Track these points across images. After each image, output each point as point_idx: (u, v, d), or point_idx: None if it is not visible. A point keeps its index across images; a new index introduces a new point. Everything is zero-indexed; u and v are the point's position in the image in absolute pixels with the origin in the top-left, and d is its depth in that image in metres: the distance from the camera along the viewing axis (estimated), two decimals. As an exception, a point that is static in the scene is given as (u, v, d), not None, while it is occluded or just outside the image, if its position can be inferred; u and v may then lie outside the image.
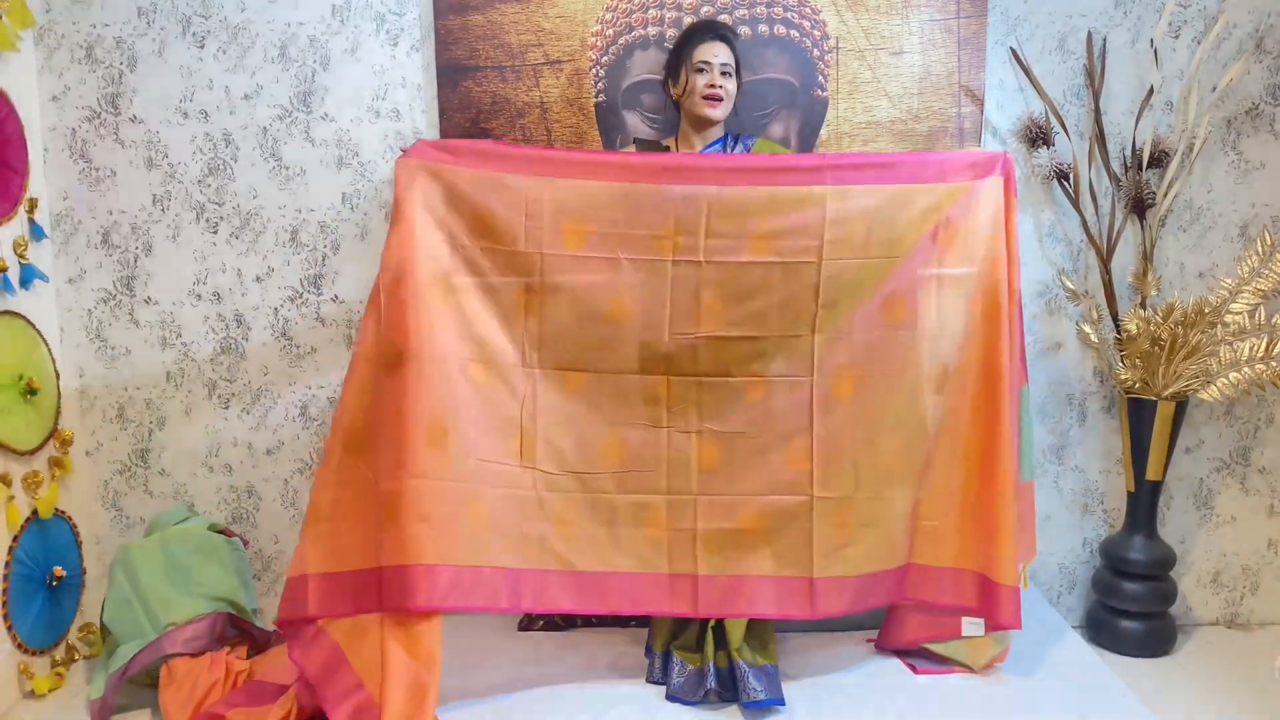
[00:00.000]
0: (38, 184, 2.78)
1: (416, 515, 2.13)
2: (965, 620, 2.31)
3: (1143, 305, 2.81)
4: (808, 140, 2.80)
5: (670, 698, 2.27)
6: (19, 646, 2.57)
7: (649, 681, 2.35)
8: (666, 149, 2.54)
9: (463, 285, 2.25)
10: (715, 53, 2.44)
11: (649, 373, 2.29)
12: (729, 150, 2.54)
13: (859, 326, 2.28)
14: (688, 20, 2.71)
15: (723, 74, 2.44)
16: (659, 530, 2.29)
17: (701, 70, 2.44)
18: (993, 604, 2.26)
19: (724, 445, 2.30)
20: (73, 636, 2.79)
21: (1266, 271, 2.67)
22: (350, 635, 2.18)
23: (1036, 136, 2.79)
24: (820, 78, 2.79)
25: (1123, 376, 2.77)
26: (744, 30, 2.74)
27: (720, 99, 2.45)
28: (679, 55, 2.50)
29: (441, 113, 2.80)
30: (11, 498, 2.56)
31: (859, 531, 2.29)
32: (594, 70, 2.79)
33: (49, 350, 2.77)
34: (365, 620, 2.16)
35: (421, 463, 2.14)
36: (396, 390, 2.15)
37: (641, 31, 2.77)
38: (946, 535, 2.32)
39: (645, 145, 2.58)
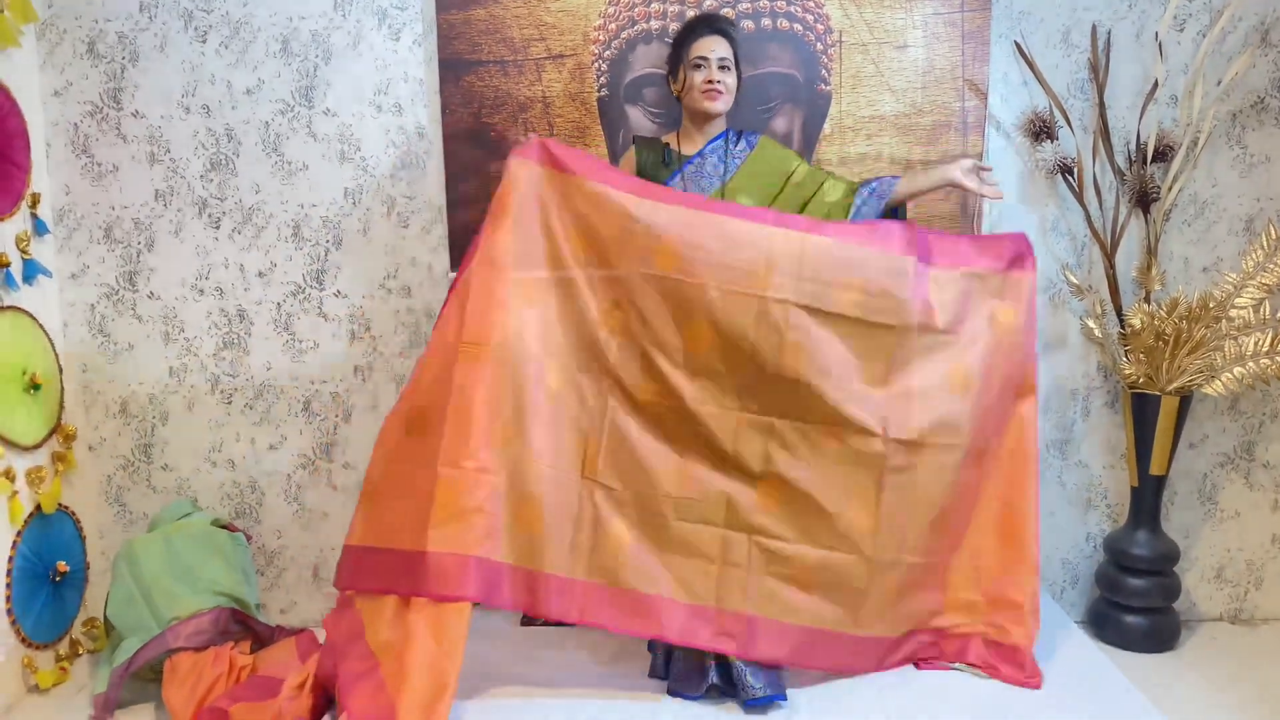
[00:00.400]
0: (40, 179, 2.78)
1: (473, 507, 2.12)
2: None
3: (1147, 300, 2.80)
4: (811, 135, 2.79)
5: (672, 692, 2.27)
6: (23, 641, 2.58)
7: (651, 676, 2.35)
8: (666, 145, 2.54)
9: (552, 289, 2.25)
10: (712, 47, 2.43)
11: (724, 406, 2.26)
12: (731, 146, 2.53)
13: (928, 394, 2.28)
14: (690, 14, 2.70)
15: (720, 68, 2.43)
16: (711, 563, 2.26)
17: (699, 66, 2.43)
18: (1018, 667, 2.29)
19: (788, 491, 2.27)
20: (77, 631, 2.80)
21: (1271, 266, 2.66)
22: (371, 612, 2.19)
23: (1040, 130, 2.78)
24: (823, 72, 2.78)
25: (1126, 371, 2.76)
26: (747, 24, 2.73)
27: (719, 93, 2.44)
28: (677, 51, 2.49)
29: (444, 107, 2.79)
30: (15, 493, 2.57)
31: (910, 593, 2.31)
32: (596, 65, 2.78)
33: (52, 345, 2.78)
34: (386, 598, 2.16)
35: (485, 457, 2.13)
36: (472, 382, 2.15)
37: (644, 25, 2.76)
38: (978, 602, 2.36)
39: (646, 142, 2.57)
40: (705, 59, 2.42)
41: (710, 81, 2.43)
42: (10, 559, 2.54)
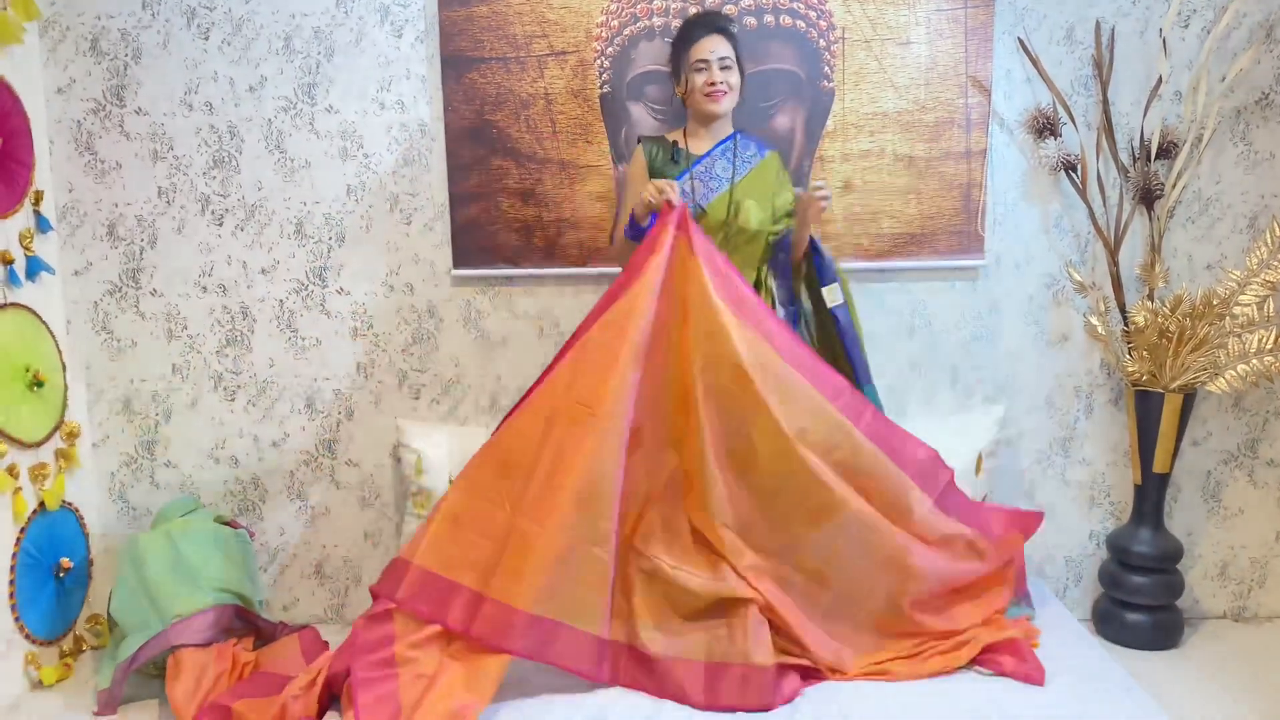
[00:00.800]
0: (43, 176, 2.78)
1: (542, 565, 2.13)
2: None
3: (1150, 297, 2.79)
4: (814, 131, 2.79)
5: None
6: (27, 637, 2.59)
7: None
8: (674, 144, 2.53)
9: (653, 354, 2.26)
10: (712, 48, 2.42)
11: (747, 540, 2.28)
12: (741, 150, 2.52)
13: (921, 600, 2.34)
14: (693, 10, 2.69)
15: (722, 68, 2.42)
16: (738, 623, 2.24)
17: (700, 69, 2.43)
18: (1019, 658, 2.31)
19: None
20: (80, 627, 2.81)
21: (1275, 263, 2.65)
22: (407, 627, 2.20)
23: (1044, 127, 2.77)
24: (826, 68, 2.77)
25: (1130, 369, 2.75)
26: (749, 21, 2.73)
27: (722, 94, 2.44)
28: (677, 54, 2.49)
29: (446, 104, 2.79)
30: (18, 489, 2.57)
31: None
32: (599, 61, 2.78)
33: (55, 342, 2.78)
34: (427, 632, 2.17)
35: (566, 517, 2.14)
36: (574, 445, 2.17)
37: (647, 22, 2.75)
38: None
39: (653, 140, 2.57)
40: (706, 61, 2.42)
41: (712, 83, 2.42)
42: (14, 555, 2.54)
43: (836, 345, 2.56)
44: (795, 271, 2.59)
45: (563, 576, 2.15)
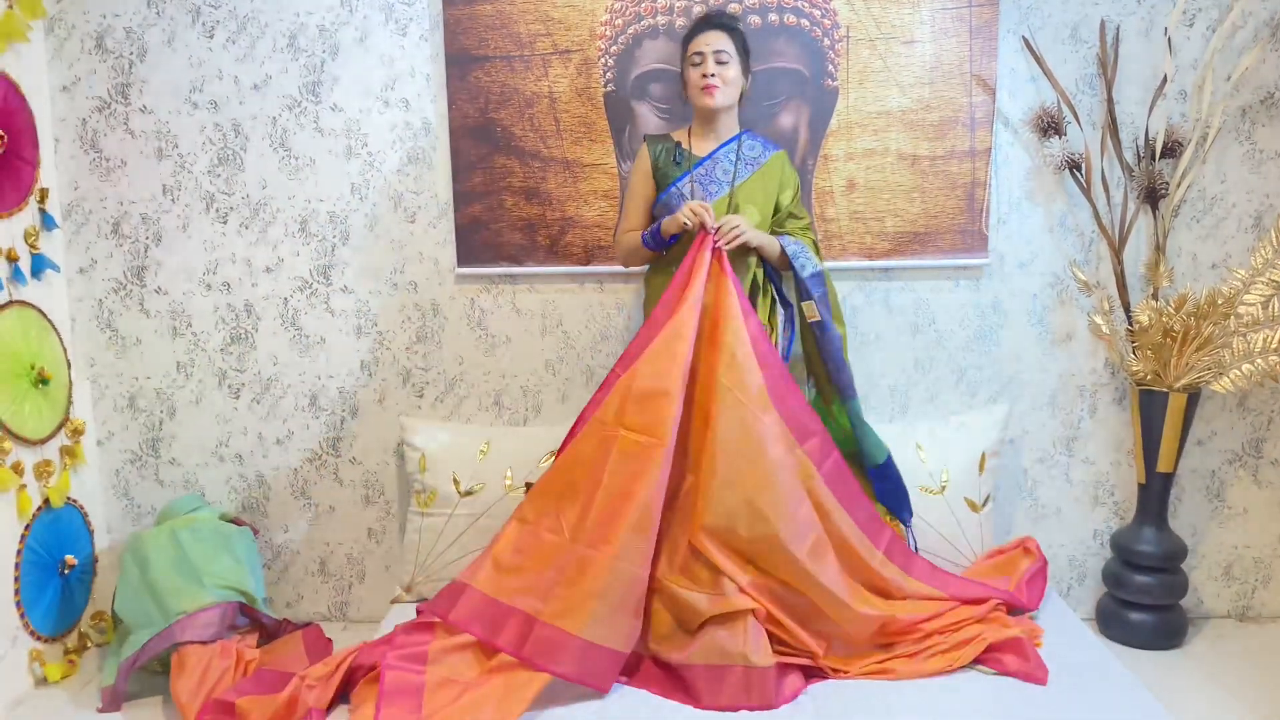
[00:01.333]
0: (48, 174, 2.79)
1: (596, 590, 2.14)
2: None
3: (1155, 296, 2.79)
4: (817, 130, 2.78)
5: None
6: (32, 634, 2.59)
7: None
8: (678, 144, 2.53)
9: (687, 377, 2.29)
10: (708, 42, 2.42)
11: (756, 561, 2.29)
12: (745, 151, 2.52)
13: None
14: (697, 9, 2.69)
15: (718, 62, 2.42)
16: (738, 628, 2.23)
17: (695, 63, 2.43)
18: (1021, 657, 2.30)
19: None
20: (85, 624, 2.82)
21: (1280, 262, 2.65)
22: (448, 635, 2.22)
23: (1048, 126, 2.77)
24: (830, 67, 2.77)
25: (1134, 368, 2.75)
26: (754, 19, 2.73)
27: (715, 87, 2.42)
28: (682, 55, 2.50)
29: (450, 102, 2.79)
30: (23, 486, 2.58)
31: None
32: (603, 60, 2.78)
33: (60, 340, 2.79)
34: (464, 638, 2.20)
35: (621, 543, 2.16)
36: (635, 475, 2.19)
37: (650, 20, 2.75)
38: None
39: (657, 139, 2.57)
40: (701, 54, 2.42)
41: (706, 76, 2.42)
42: (19, 552, 2.55)
43: (817, 360, 2.58)
44: (783, 278, 2.60)
45: (613, 601, 2.16)
